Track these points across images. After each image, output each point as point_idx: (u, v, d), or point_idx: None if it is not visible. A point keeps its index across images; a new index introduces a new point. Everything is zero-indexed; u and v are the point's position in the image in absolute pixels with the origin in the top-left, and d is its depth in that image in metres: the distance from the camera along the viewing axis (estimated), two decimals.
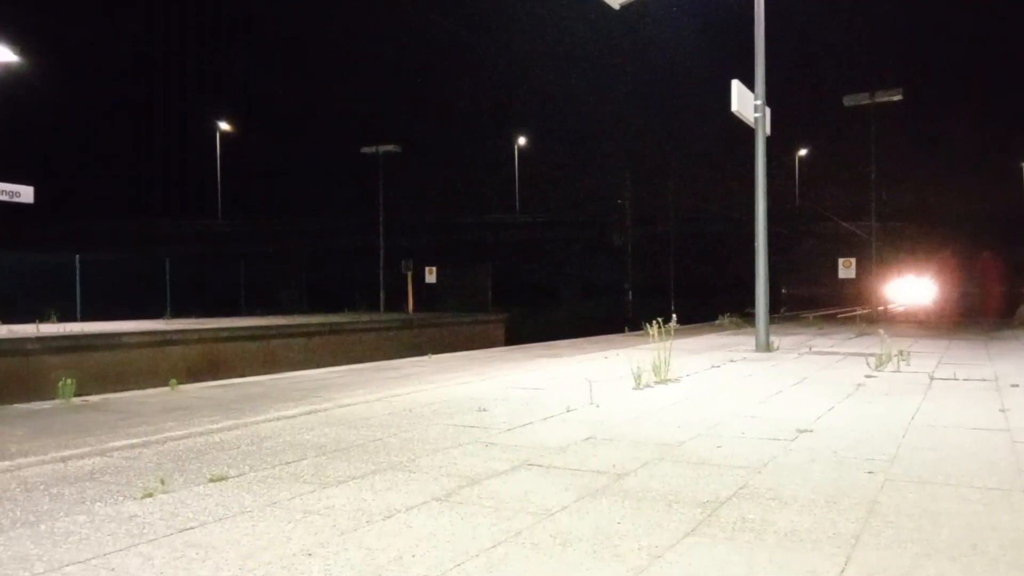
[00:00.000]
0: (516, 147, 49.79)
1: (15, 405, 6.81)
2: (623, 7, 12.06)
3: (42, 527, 3.21)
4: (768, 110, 12.21)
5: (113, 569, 2.71)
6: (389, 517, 3.30)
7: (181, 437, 5.15)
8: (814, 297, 32.02)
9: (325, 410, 6.27)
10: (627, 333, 16.45)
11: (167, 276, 26.75)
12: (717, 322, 20.09)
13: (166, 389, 7.73)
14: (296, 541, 2.99)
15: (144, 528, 3.17)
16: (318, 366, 11.76)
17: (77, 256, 24.29)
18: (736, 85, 11.61)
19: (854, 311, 25.08)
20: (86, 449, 4.74)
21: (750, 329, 14.04)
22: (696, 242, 44.07)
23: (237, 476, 4.04)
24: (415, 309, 32.27)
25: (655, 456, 4.45)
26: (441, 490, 3.73)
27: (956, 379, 7.98)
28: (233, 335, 19.00)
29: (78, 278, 24.07)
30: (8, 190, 17.92)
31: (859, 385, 7.62)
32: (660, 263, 43.02)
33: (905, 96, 24.04)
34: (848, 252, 29.37)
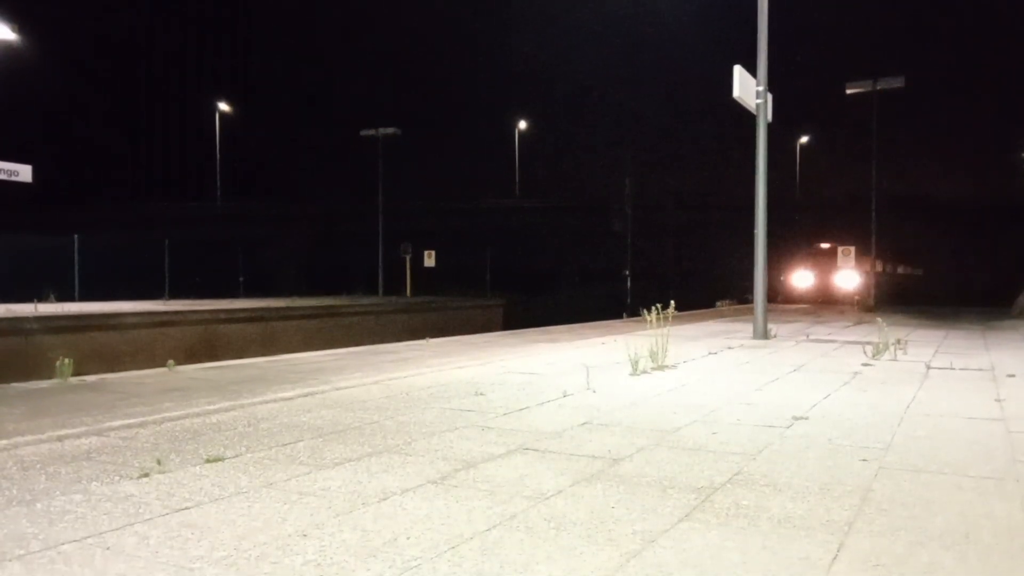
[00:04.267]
0: (516, 132, 49.61)
1: (12, 384, 6.81)
2: None
3: (38, 506, 3.21)
4: (770, 96, 12.14)
5: (109, 548, 2.72)
6: (384, 499, 3.30)
7: (178, 418, 5.15)
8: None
9: (322, 392, 6.28)
10: (625, 319, 16.49)
11: (166, 258, 26.74)
12: (716, 308, 20.12)
13: (163, 370, 7.73)
14: (291, 522, 2.99)
15: (140, 508, 3.18)
16: (316, 349, 11.76)
17: (75, 237, 24.26)
18: (738, 71, 11.54)
19: (853, 299, 25.09)
20: (83, 429, 4.75)
21: (748, 316, 14.04)
22: (696, 229, 43.97)
23: (233, 457, 4.05)
24: (414, 293, 32.27)
25: (651, 442, 4.46)
26: (437, 473, 3.74)
27: (952, 368, 7.99)
28: (231, 317, 19.00)
29: (76, 259, 24.05)
30: (7, 169, 17.85)
31: (855, 373, 7.63)
32: (660, 250, 42.99)
33: (908, 85, 23.93)
34: (847, 241, 29.40)
